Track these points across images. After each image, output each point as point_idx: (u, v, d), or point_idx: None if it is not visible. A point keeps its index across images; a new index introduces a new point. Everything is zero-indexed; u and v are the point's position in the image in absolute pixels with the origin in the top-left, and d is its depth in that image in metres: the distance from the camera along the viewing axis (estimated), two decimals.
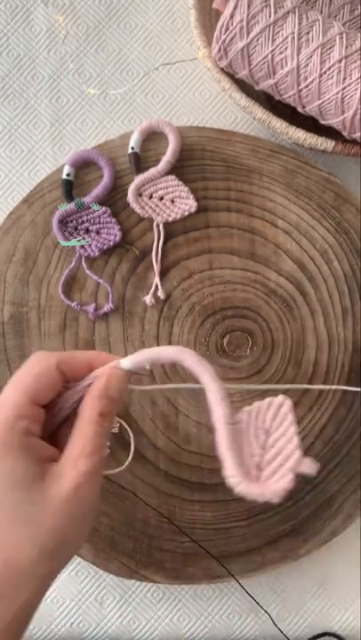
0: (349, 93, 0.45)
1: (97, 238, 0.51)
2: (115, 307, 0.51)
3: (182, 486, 0.50)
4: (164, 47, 0.56)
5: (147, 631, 0.52)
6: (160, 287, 0.51)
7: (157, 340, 0.51)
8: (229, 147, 0.52)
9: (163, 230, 0.51)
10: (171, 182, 0.51)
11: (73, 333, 0.51)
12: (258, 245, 0.52)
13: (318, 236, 0.52)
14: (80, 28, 0.56)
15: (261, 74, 0.47)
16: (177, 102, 0.56)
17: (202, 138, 0.52)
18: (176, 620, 0.52)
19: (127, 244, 0.52)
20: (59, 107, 0.56)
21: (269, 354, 0.51)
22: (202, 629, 0.52)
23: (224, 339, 0.51)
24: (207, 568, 0.50)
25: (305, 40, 0.45)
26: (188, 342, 0.51)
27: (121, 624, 0.52)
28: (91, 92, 0.55)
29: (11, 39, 0.56)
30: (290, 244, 0.52)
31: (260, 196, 0.52)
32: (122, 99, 0.56)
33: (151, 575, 0.50)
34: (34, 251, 0.51)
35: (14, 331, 0.51)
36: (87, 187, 0.52)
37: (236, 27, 0.45)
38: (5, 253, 0.51)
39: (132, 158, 0.51)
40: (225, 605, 0.53)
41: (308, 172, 0.52)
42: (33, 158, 0.55)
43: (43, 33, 0.56)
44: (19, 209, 0.52)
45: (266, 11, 0.45)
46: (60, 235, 0.51)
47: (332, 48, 0.45)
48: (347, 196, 0.52)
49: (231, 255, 0.52)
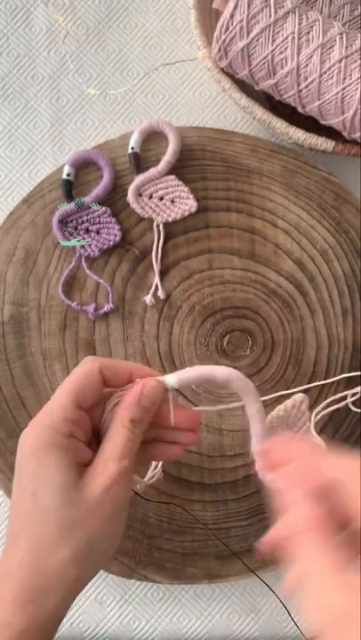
0: (349, 93, 0.45)
1: (97, 238, 0.51)
2: (115, 307, 0.51)
3: (182, 486, 0.50)
4: (164, 47, 0.56)
5: (147, 631, 0.52)
6: (160, 287, 0.51)
7: (157, 339, 0.51)
8: (229, 147, 0.52)
9: (163, 230, 0.51)
10: (171, 182, 0.51)
11: (73, 333, 0.51)
12: (258, 245, 0.52)
13: (318, 235, 0.52)
14: (80, 27, 0.56)
15: (261, 74, 0.47)
16: (177, 102, 0.56)
17: (202, 138, 0.52)
18: (176, 619, 0.52)
19: (127, 243, 0.52)
20: (59, 107, 0.56)
21: (269, 354, 0.51)
22: (202, 629, 0.52)
23: (224, 339, 0.51)
24: (207, 568, 0.50)
25: (305, 40, 0.45)
26: (188, 342, 0.51)
27: (121, 624, 0.52)
28: (91, 92, 0.55)
29: (11, 39, 0.56)
30: (290, 244, 0.52)
31: (260, 195, 0.52)
32: (122, 99, 0.56)
33: (151, 575, 0.50)
34: (34, 251, 0.52)
35: (14, 331, 0.51)
36: (87, 187, 0.52)
37: (236, 27, 0.45)
38: (5, 253, 0.51)
39: (132, 158, 0.51)
40: (225, 605, 0.53)
41: (308, 171, 0.52)
42: (33, 158, 0.55)
43: (43, 33, 0.56)
44: (19, 209, 0.52)
45: (266, 11, 0.44)
46: (60, 235, 0.51)
47: (332, 48, 0.45)
48: (347, 196, 0.52)
49: (231, 255, 0.52)
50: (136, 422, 0.35)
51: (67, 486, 0.33)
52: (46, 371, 0.51)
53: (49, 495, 0.33)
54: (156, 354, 0.51)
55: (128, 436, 0.35)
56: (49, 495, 0.33)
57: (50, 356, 0.51)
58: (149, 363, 0.51)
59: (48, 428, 0.34)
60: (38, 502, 0.33)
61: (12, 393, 0.50)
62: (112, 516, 0.34)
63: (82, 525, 0.33)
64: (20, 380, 0.51)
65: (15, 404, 0.50)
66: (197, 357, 0.51)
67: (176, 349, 0.51)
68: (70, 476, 0.33)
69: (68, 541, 0.33)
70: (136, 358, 0.51)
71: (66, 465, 0.33)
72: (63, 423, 0.34)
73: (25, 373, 0.51)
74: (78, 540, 0.33)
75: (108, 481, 0.34)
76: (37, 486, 0.33)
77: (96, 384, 0.35)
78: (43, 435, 0.34)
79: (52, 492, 0.33)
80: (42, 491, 0.33)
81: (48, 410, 0.35)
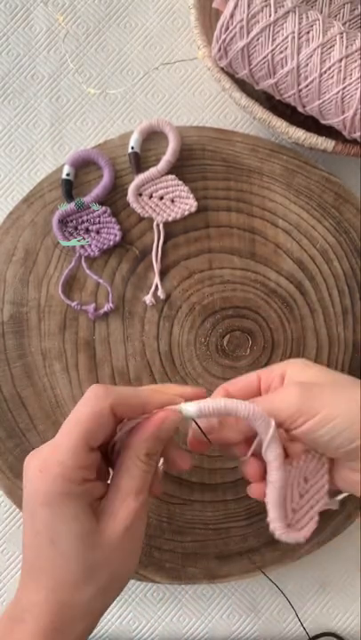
0: (349, 93, 0.45)
1: (97, 238, 0.51)
2: (115, 306, 0.51)
3: (182, 486, 0.50)
4: (164, 47, 0.56)
5: (147, 631, 0.52)
6: (160, 287, 0.51)
7: (157, 339, 0.51)
8: (229, 146, 0.52)
9: (163, 230, 0.51)
10: (171, 182, 0.51)
11: (73, 333, 0.51)
12: (258, 245, 0.52)
13: (318, 235, 0.52)
14: (80, 27, 0.56)
15: (261, 73, 0.47)
16: (177, 102, 0.56)
17: (202, 137, 0.52)
18: (176, 619, 0.52)
19: (127, 243, 0.52)
20: (59, 106, 0.56)
21: (269, 354, 0.51)
22: (202, 629, 0.52)
23: (224, 339, 0.51)
24: (207, 568, 0.50)
25: (305, 40, 0.45)
26: (188, 342, 0.51)
27: (121, 624, 0.52)
28: (91, 92, 0.55)
29: (11, 39, 0.56)
30: (290, 244, 0.52)
31: (260, 195, 0.52)
32: (122, 98, 0.56)
33: (151, 575, 0.50)
34: (34, 251, 0.51)
35: (14, 331, 0.51)
36: (87, 187, 0.52)
37: (236, 26, 0.45)
38: (5, 253, 0.51)
39: (132, 158, 0.51)
40: (225, 605, 0.52)
41: (308, 171, 0.52)
42: (33, 158, 0.55)
43: (43, 33, 0.56)
44: (19, 209, 0.52)
45: (266, 10, 0.44)
46: (60, 235, 0.51)
47: (332, 48, 0.45)
48: (347, 196, 0.52)
49: (231, 255, 0.52)
50: (152, 455, 0.34)
51: (86, 533, 0.33)
52: (46, 371, 0.51)
53: (69, 544, 0.33)
54: (156, 354, 0.51)
55: (145, 470, 0.34)
56: (69, 544, 0.33)
57: (50, 356, 0.51)
58: (149, 363, 0.51)
59: (60, 477, 0.33)
60: (59, 550, 0.33)
61: (11, 393, 0.50)
62: (134, 549, 0.35)
63: (105, 564, 0.33)
64: (20, 379, 0.51)
65: (15, 404, 0.50)
66: (197, 357, 0.51)
67: (176, 349, 0.51)
68: (88, 521, 0.33)
69: (93, 581, 0.33)
70: (136, 358, 0.51)
71: (81, 512, 0.33)
72: (76, 472, 0.33)
73: (25, 373, 0.51)
74: (103, 578, 0.33)
75: (129, 519, 0.33)
76: (55, 535, 0.33)
77: (108, 424, 0.34)
78: (56, 485, 0.33)
79: (71, 541, 0.33)
80: (61, 540, 0.33)
81: (58, 454, 0.33)
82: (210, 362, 0.51)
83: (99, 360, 0.51)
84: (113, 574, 0.34)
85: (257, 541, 0.50)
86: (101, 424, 0.34)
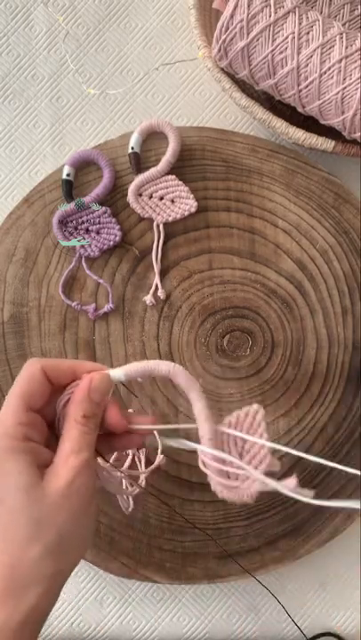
0: (349, 93, 0.45)
1: (97, 238, 0.51)
2: (115, 307, 0.51)
3: (182, 486, 0.50)
4: (164, 47, 0.56)
5: (147, 631, 0.52)
6: (160, 287, 0.51)
7: (157, 339, 0.51)
8: (229, 147, 0.52)
9: (163, 230, 0.51)
10: (171, 182, 0.51)
11: (73, 333, 0.51)
12: (258, 245, 0.52)
13: (318, 235, 0.52)
14: (80, 27, 0.56)
15: (261, 74, 0.47)
16: (177, 102, 0.56)
17: (202, 138, 0.52)
18: (176, 619, 0.52)
19: (127, 244, 0.52)
20: (59, 107, 0.56)
21: (269, 354, 0.51)
22: (202, 629, 0.52)
23: (224, 339, 0.51)
24: (207, 568, 0.50)
25: (305, 40, 0.45)
26: (188, 342, 0.51)
27: (121, 624, 0.52)
28: (91, 92, 0.55)
29: (11, 39, 0.56)
30: (290, 244, 0.52)
31: (260, 196, 0.52)
32: (122, 99, 0.56)
33: (151, 575, 0.50)
34: (34, 251, 0.52)
35: (14, 331, 0.51)
36: (87, 187, 0.52)
37: (236, 27, 0.45)
38: (5, 253, 0.51)
39: (132, 158, 0.51)
40: (225, 605, 0.53)
41: (308, 171, 0.52)
42: (33, 158, 0.55)
43: (43, 33, 0.56)
44: (19, 209, 0.52)
45: (266, 11, 0.44)
46: (60, 235, 0.51)
47: (332, 48, 0.45)
48: (347, 196, 0.52)
49: (231, 255, 0.52)
50: (89, 417, 0.36)
51: (30, 487, 0.34)
52: None
53: (14, 498, 0.33)
54: (156, 354, 0.51)
55: (83, 431, 0.35)
56: (14, 498, 0.33)
57: (50, 356, 0.51)
58: None
59: (2, 435, 0.34)
60: (6, 506, 0.34)
61: None
62: (80, 508, 0.35)
63: (51, 521, 0.34)
64: None
65: None
66: (197, 357, 0.51)
67: (176, 349, 0.51)
68: (32, 477, 0.34)
69: (40, 537, 0.33)
70: (136, 358, 0.51)
71: (26, 467, 0.34)
72: (16, 427, 0.34)
73: None
74: (49, 535, 0.34)
75: (70, 474, 0.34)
76: (1, 492, 0.34)
77: (41, 384, 0.36)
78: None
79: (16, 494, 0.33)
80: (6, 496, 0.34)
81: (0, 418, 0.35)
82: (210, 362, 0.51)
83: (99, 360, 0.51)
84: (60, 533, 0.34)
85: (257, 541, 0.50)
86: (35, 384, 0.36)
